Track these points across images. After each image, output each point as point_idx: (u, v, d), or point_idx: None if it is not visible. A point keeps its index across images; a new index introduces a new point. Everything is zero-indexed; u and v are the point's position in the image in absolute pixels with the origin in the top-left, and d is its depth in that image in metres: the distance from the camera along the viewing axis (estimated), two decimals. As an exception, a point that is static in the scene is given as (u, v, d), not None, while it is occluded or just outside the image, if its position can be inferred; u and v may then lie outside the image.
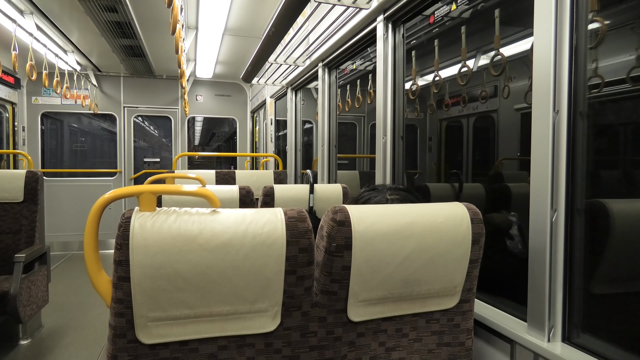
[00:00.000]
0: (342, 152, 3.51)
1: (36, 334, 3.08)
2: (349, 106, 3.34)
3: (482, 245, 0.97)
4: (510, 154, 1.97)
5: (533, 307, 1.05)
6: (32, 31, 3.46)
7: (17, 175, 2.91)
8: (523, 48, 1.65)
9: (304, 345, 0.89)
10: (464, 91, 2.09)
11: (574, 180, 1.02)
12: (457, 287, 0.98)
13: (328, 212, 0.88)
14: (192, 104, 6.25)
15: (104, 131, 7.29)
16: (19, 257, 2.57)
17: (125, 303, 0.78)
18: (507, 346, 1.11)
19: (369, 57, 2.95)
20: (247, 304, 0.83)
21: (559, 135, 1.02)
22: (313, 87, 3.99)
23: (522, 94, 1.70)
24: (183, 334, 0.80)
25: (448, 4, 1.74)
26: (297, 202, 1.93)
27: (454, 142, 2.56)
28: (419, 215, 0.93)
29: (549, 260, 1.02)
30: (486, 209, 1.73)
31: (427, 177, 2.79)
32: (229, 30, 4.01)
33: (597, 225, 1.05)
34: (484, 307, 1.26)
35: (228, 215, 0.82)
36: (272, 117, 4.93)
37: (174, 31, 2.25)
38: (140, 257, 0.75)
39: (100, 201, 0.82)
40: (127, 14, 3.35)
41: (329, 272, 0.87)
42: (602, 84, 1.13)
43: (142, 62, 5.13)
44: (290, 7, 1.77)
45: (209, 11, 3.44)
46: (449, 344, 1.01)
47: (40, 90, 5.63)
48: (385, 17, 1.90)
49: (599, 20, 1.04)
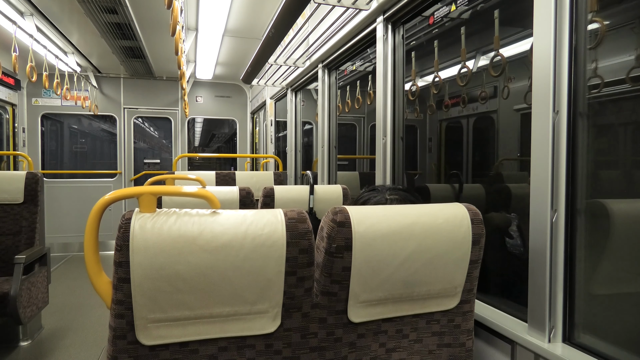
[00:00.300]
0: (342, 153, 3.51)
1: (36, 336, 3.08)
2: (348, 107, 3.34)
3: (482, 245, 0.97)
4: (510, 155, 1.96)
5: (533, 307, 1.05)
6: (32, 33, 3.46)
7: (17, 177, 2.91)
8: (523, 49, 1.65)
9: (304, 347, 0.89)
10: (463, 92, 2.09)
11: (574, 181, 1.02)
12: (458, 287, 0.98)
13: (328, 213, 0.88)
14: (192, 105, 6.25)
15: (104, 132, 7.30)
16: (19, 258, 2.57)
17: (125, 304, 0.78)
18: (507, 347, 1.11)
19: (368, 58, 2.95)
20: (247, 305, 0.82)
21: (558, 136, 1.02)
22: (313, 88, 3.99)
23: (521, 95, 1.70)
24: (183, 335, 0.80)
25: (447, 4, 1.75)
26: (297, 203, 1.93)
27: (453, 143, 2.55)
28: (419, 216, 0.93)
29: (549, 260, 1.02)
30: (486, 210, 1.73)
31: (427, 177, 2.79)
32: (229, 32, 4.01)
33: (597, 225, 1.05)
34: (484, 307, 1.26)
35: (228, 217, 0.82)
36: (272, 118, 4.93)
37: (174, 32, 2.26)
38: (140, 258, 0.75)
39: (100, 202, 0.82)
40: (127, 15, 3.36)
41: (329, 273, 0.87)
42: (601, 84, 1.13)
43: (142, 63, 5.14)
44: (290, 8, 1.77)
45: (208, 12, 3.44)
46: (449, 345, 1.01)
47: (40, 91, 5.63)
48: (385, 18, 1.90)
49: (598, 20, 1.04)
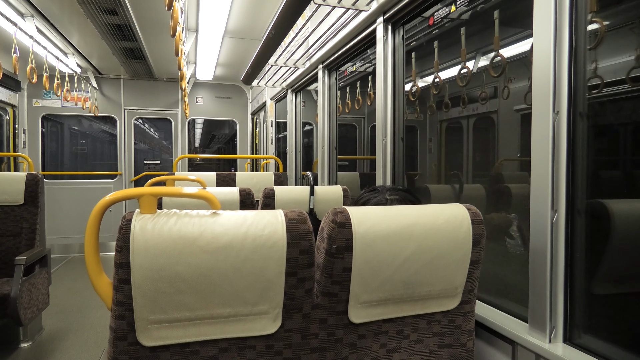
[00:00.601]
0: (342, 153, 3.51)
1: (37, 337, 3.08)
2: (349, 108, 3.34)
3: (482, 246, 0.97)
4: (511, 155, 1.96)
5: (534, 307, 1.05)
6: (32, 34, 3.46)
7: (17, 178, 2.91)
8: (523, 49, 1.65)
9: (304, 347, 0.88)
10: (463, 92, 2.09)
11: (574, 181, 1.02)
12: (458, 288, 0.98)
13: (328, 214, 0.88)
14: (192, 106, 6.25)
15: (104, 133, 7.30)
16: (20, 259, 2.57)
17: (126, 305, 0.78)
18: (508, 347, 1.11)
19: (368, 58, 2.95)
20: (247, 306, 0.82)
21: (559, 136, 1.02)
22: (313, 89, 3.99)
23: (521, 95, 1.70)
24: (184, 336, 0.80)
25: (447, 5, 1.75)
26: (297, 203, 1.93)
27: (454, 143, 2.55)
28: (419, 217, 0.93)
29: (549, 260, 1.02)
30: (487, 210, 1.73)
31: (428, 178, 2.79)
32: (229, 33, 4.02)
33: (597, 225, 1.05)
34: (485, 308, 1.26)
35: (228, 218, 0.82)
36: (272, 119, 4.94)
37: (174, 34, 2.26)
38: (140, 259, 0.75)
39: (100, 203, 0.82)
40: (127, 16, 3.36)
41: (329, 273, 0.87)
42: (601, 84, 1.13)
43: (143, 64, 5.14)
44: (290, 9, 1.77)
45: (209, 13, 3.45)
46: (450, 346, 1.01)
47: (40, 92, 5.64)
48: (385, 19, 1.90)
49: (598, 21, 1.04)
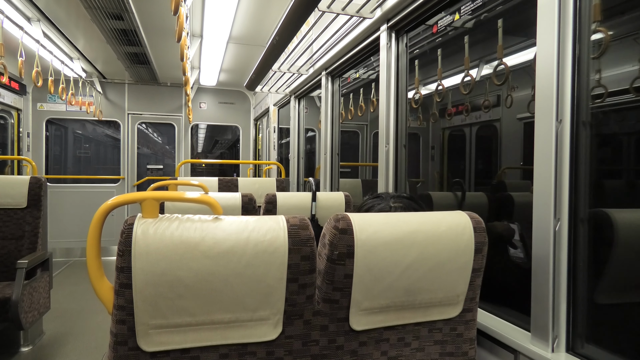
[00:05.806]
0: (344, 160, 3.51)
1: (37, 341, 3.07)
2: (351, 114, 3.35)
3: (485, 254, 0.97)
4: (513, 163, 1.96)
5: (537, 316, 1.05)
6: (38, 38, 3.49)
7: (20, 181, 2.92)
8: (526, 58, 1.66)
9: (305, 354, 0.88)
10: (466, 100, 2.10)
11: (577, 190, 1.02)
12: (460, 296, 0.97)
13: (330, 220, 0.88)
14: (195, 111, 6.28)
15: (107, 138, 7.32)
16: (22, 263, 2.57)
17: (126, 310, 0.77)
18: (510, 356, 1.10)
19: (372, 65, 2.96)
20: (248, 312, 0.82)
21: (562, 145, 1.02)
22: (316, 95, 4.00)
23: (525, 104, 1.70)
24: (184, 341, 0.80)
25: (451, 14, 1.76)
26: (299, 209, 1.93)
27: (456, 151, 2.55)
28: (421, 224, 0.92)
29: (552, 269, 1.01)
30: (489, 218, 1.73)
31: (430, 185, 2.78)
32: (233, 39, 4.04)
33: (600, 234, 1.04)
34: (487, 316, 1.25)
35: (230, 223, 0.82)
36: (275, 124, 4.95)
37: (180, 39, 2.27)
38: (142, 263, 0.75)
39: (103, 208, 0.82)
40: (133, 21, 3.39)
41: (331, 280, 0.87)
42: (605, 93, 1.13)
43: (147, 69, 5.18)
44: (295, 15, 1.78)
45: (213, 19, 3.47)
46: (451, 354, 1.00)
47: (45, 96, 5.68)
48: (388, 27, 1.91)
49: (602, 30, 1.04)
